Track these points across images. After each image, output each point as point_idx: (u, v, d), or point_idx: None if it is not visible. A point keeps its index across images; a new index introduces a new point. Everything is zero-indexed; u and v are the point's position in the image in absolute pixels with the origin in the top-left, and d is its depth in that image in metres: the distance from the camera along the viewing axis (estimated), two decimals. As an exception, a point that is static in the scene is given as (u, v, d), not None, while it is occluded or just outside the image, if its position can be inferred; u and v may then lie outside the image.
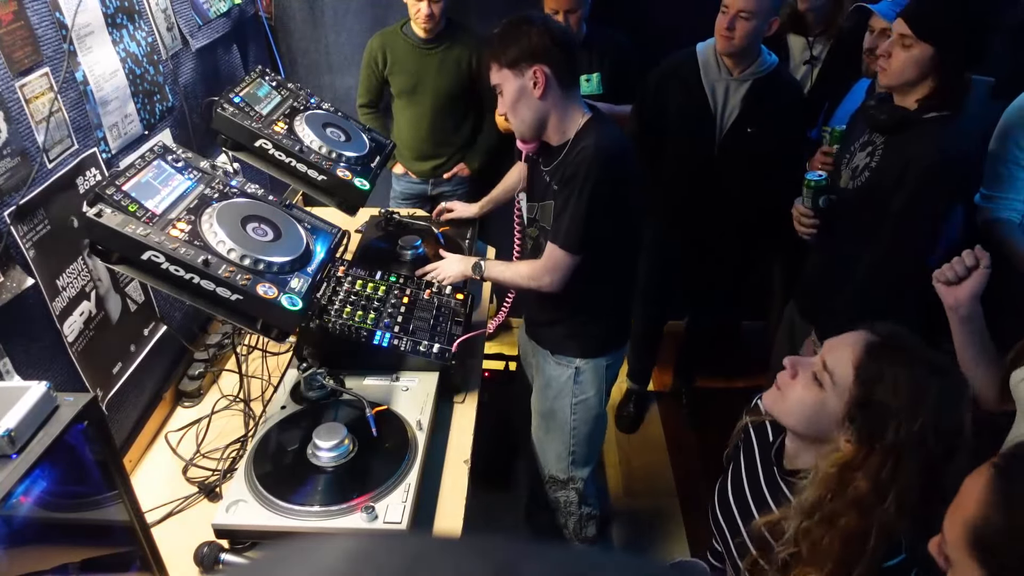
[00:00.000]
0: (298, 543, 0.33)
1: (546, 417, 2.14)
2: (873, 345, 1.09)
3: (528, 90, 1.74)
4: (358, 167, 1.85)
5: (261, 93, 1.89)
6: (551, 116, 1.79)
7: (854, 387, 1.08)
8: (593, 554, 0.35)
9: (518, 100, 1.75)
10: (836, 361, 1.11)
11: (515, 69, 1.72)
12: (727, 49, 2.35)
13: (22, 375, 1.27)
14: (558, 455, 2.16)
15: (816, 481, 1.09)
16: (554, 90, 1.74)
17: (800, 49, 2.60)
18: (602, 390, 2.08)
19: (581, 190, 1.73)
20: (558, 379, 2.06)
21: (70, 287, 1.43)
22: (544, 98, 1.74)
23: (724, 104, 2.46)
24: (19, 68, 1.30)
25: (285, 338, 1.40)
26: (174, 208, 1.40)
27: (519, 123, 1.81)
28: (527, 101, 1.75)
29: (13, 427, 0.87)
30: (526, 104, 1.76)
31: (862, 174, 1.90)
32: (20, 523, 0.94)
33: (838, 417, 1.09)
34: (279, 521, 1.35)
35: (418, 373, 1.74)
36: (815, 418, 1.13)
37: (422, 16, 2.67)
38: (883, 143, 1.86)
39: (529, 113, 1.77)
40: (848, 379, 1.08)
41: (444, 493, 1.55)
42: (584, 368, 2.02)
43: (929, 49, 1.70)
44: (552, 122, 1.80)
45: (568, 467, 2.16)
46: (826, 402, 1.11)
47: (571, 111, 1.80)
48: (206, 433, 1.70)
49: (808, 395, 1.13)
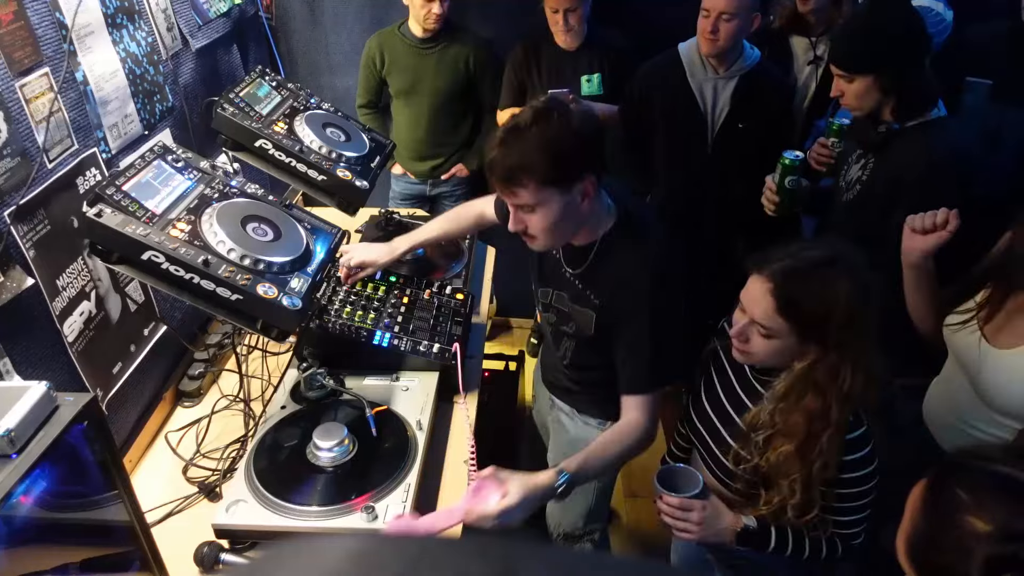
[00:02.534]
0: (298, 543, 0.33)
1: None
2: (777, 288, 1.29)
3: (576, 205, 1.40)
4: (358, 167, 1.85)
5: (261, 93, 1.89)
6: (586, 225, 1.50)
7: (791, 326, 1.30)
8: (592, 555, 0.36)
9: (562, 219, 1.40)
10: (764, 316, 1.31)
11: (563, 184, 1.36)
12: (712, 51, 2.36)
13: (22, 375, 1.27)
14: (575, 513, 1.98)
15: (788, 377, 1.34)
16: (594, 197, 1.43)
17: (804, 50, 2.60)
18: None
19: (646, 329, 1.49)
20: (584, 440, 1.76)
21: (70, 287, 1.43)
22: (589, 208, 1.44)
23: (713, 103, 2.47)
24: (19, 68, 1.30)
25: (285, 338, 1.40)
26: (174, 208, 1.40)
27: (553, 242, 1.48)
28: (571, 219, 1.42)
29: (13, 427, 0.87)
30: (568, 222, 1.43)
31: (854, 187, 1.92)
32: (20, 523, 0.94)
33: (797, 344, 1.32)
34: (279, 521, 1.35)
35: (418, 373, 1.74)
36: (784, 353, 1.35)
37: (433, 16, 2.66)
38: (874, 157, 1.89)
39: (568, 231, 1.47)
40: (782, 322, 1.30)
41: (444, 493, 1.55)
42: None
43: (867, 78, 1.74)
44: (584, 230, 1.51)
45: (584, 524, 2.00)
46: (783, 342, 1.33)
47: (601, 206, 1.51)
48: (206, 433, 1.70)
49: (767, 346, 1.35)
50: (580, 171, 1.37)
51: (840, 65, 1.78)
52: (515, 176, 1.35)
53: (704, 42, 2.35)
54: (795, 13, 2.53)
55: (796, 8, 2.52)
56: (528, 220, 1.41)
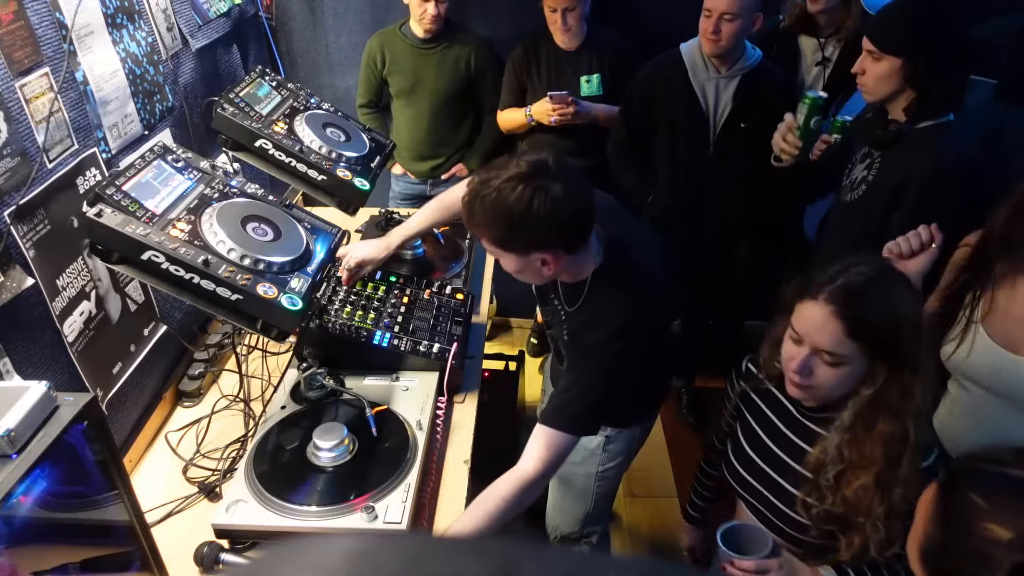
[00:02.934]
0: (298, 543, 0.33)
1: (566, 482, 1.95)
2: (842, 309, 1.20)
3: (535, 268, 1.41)
4: (358, 167, 1.85)
5: (261, 93, 1.89)
6: (564, 275, 1.51)
7: (862, 347, 1.20)
8: (592, 555, 0.36)
9: (522, 272, 1.45)
10: (833, 343, 1.21)
11: (517, 253, 1.39)
12: (714, 51, 2.36)
13: (22, 375, 1.27)
14: (573, 516, 2.00)
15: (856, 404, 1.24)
16: (565, 262, 1.43)
17: (812, 50, 2.60)
18: (631, 456, 1.93)
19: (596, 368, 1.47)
20: (585, 446, 1.82)
21: (70, 287, 1.43)
22: (553, 272, 1.44)
23: (716, 103, 2.47)
24: (19, 68, 1.30)
25: (285, 338, 1.40)
26: (174, 208, 1.40)
27: (526, 278, 1.50)
28: (533, 274, 1.45)
29: (13, 427, 0.87)
30: (532, 275, 1.46)
31: (859, 187, 1.89)
32: (20, 523, 0.94)
33: (864, 368, 1.23)
34: (279, 521, 1.35)
35: (418, 373, 1.74)
36: (849, 381, 1.25)
37: (428, 16, 2.66)
38: (880, 156, 1.86)
39: (536, 280, 1.50)
40: (853, 346, 1.20)
41: (444, 493, 1.55)
42: (615, 437, 1.84)
43: (896, 61, 1.69)
44: (563, 276, 1.52)
45: (582, 527, 2.01)
46: (852, 367, 1.23)
47: (586, 257, 1.48)
48: (206, 433, 1.70)
49: (835, 375, 1.24)
50: (532, 247, 1.36)
51: (874, 39, 1.71)
52: (473, 227, 1.39)
53: (706, 42, 2.35)
54: (805, 13, 2.52)
55: (806, 8, 2.52)
56: (497, 255, 1.43)
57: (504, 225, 1.32)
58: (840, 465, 1.25)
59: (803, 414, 1.37)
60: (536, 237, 1.35)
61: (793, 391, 1.30)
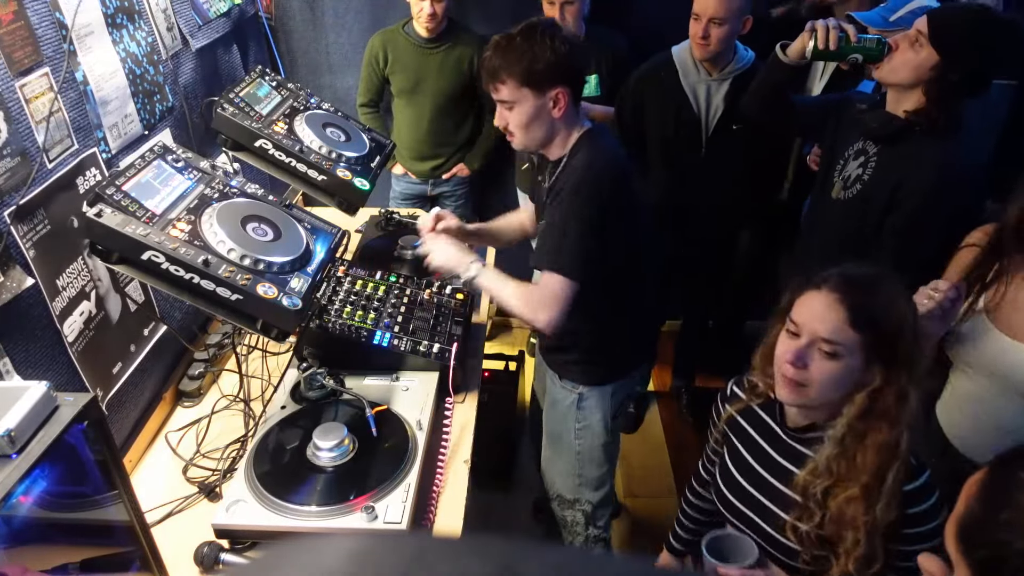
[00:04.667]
0: (298, 543, 0.33)
1: (552, 438, 2.09)
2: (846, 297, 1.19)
3: (547, 110, 1.64)
4: (358, 167, 1.85)
5: (261, 93, 1.89)
6: (559, 133, 1.71)
7: (862, 338, 1.18)
8: (592, 555, 0.36)
9: (534, 119, 1.65)
10: (833, 330, 1.19)
11: (536, 88, 1.61)
12: (704, 55, 2.38)
13: (22, 375, 1.27)
14: (565, 474, 2.10)
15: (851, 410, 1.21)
16: (570, 109, 1.66)
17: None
18: (607, 417, 1.99)
19: (570, 209, 1.63)
20: (563, 402, 1.99)
21: (70, 287, 1.43)
22: (561, 118, 1.66)
23: (707, 105, 2.48)
24: (19, 68, 1.30)
25: (285, 338, 1.40)
26: (174, 208, 1.40)
27: (528, 140, 1.70)
28: (543, 120, 1.66)
29: (13, 427, 0.87)
30: (541, 123, 1.66)
31: (854, 185, 1.84)
32: (20, 523, 0.94)
33: (860, 367, 1.20)
34: (279, 521, 1.35)
35: (418, 373, 1.74)
36: (844, 381, 1.22)
37: (424, 15, 2.67)
38: (876, 153, 1.80)
39: (541, 132, 1.68)
40: (854, 336, 1.18)
41: (444, 493, 1.55)
42: (588, 395, 1.95)
43: (934, 57, 1.64)
44: (558, 139, 1.72)
45: (575, 487, 2.09)
46: (848, 364, 1.20)
47: (576, 122, 1.72)
48: (206, 433, 1.70)
49: (830, 370, 1.21)
50: (552, 81, 1.60)
51: (932, 26, 1.64)
52: (497, 74, 1.62)
53: (696, 47, 2.36)
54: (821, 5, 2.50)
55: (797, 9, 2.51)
56: (508, 116, 1.66)
57: (530, 59, 1.58)
58: (829, 479, 1.22)
59: (790, 435, 1.34)
60: (556, 70, 1.59)
61: (784, 394, 1.26)
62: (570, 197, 1.64)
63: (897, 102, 1.75)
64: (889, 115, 1.76)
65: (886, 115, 1.76)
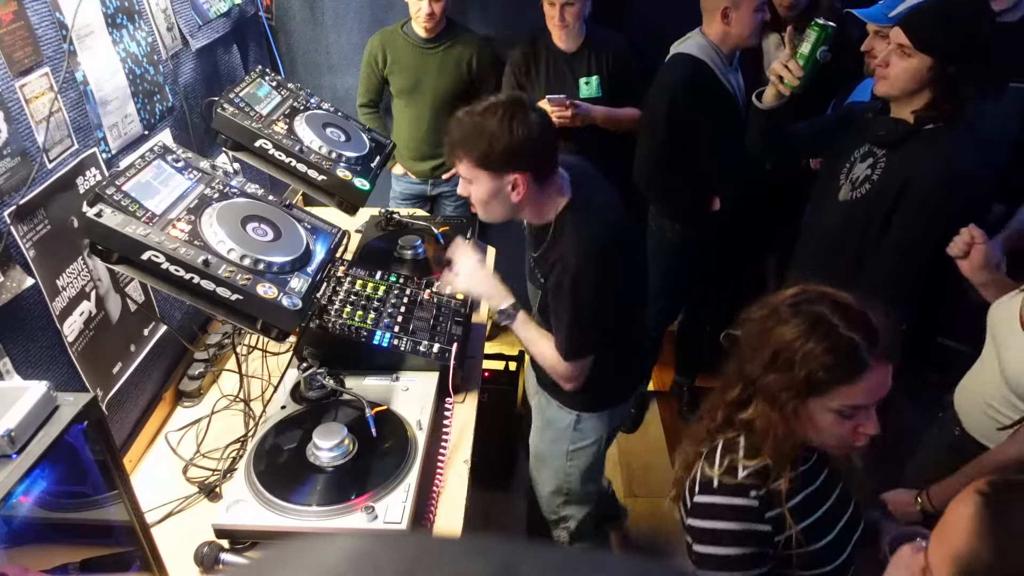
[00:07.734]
0: (298, 543, 0.33)
1: (540, 458, 2.07)
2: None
3: (505, 193, 1.58)
4: (358, 167, 1.85)
5: (261, 93, 1.89)
6: (528, 208, 1.65)
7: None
8: (592, 555, 0.36)
9: (493, 198, 1.60)
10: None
11: (492, 171, 1.55)
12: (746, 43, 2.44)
13: (22, 375, 1.27)
14: (551, 494, 2.10)
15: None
16: (532, 190, 1.59)
17: (775, 45, 2.59)
18: (602, 439, 1.99)
19: (572, 301, 1.61)
20: (557, 424, 1.96)
21: (70, 287, 1.43)
22: (522, 201, 1.59)
23: (738, 93, 2.50)
24: (19, 68, 1.30)
25: (285, 338, 1.40)
26: (174, 208, 1.40)
27: (489, 215, 1.66)
28: (501, 200, 1.60)
29: (13, 427, 0.87)
30: (500, 203, 1.61)
31: (862, 186, 1.85)
32: (20, 523, 0.94)
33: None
34: (279, 521, 1.35)
35: (418, 373, 1.74)
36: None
37: (422, 15, 2.66)
38: (884, 155, 1.81)
39: (502, 209, 1.63)
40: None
41: (444, 493, 1.55)
42: (586, 417, 1.93)
43: (928, 59, 1.66)
44: (527, 212, 1.67)
45: (559, 507, 2.10)
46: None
47: (550, 196, 1.64)
48: (206, 433, 1.70)
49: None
50: (508, 166, 1.55)
51: (911, 35, 1.66)
52: (455, 151, 1.58)
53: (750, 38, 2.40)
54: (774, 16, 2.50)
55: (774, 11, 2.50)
56: (469, 189, 1.63)
57: (486, 142, 1.52)
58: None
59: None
60: (512, 156, 1.53)
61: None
62: (571, 289, 1.60)
63: (902, 106, 1.77)
64: (895, 120, 1.78)
65: (892, 121, 1.78)
